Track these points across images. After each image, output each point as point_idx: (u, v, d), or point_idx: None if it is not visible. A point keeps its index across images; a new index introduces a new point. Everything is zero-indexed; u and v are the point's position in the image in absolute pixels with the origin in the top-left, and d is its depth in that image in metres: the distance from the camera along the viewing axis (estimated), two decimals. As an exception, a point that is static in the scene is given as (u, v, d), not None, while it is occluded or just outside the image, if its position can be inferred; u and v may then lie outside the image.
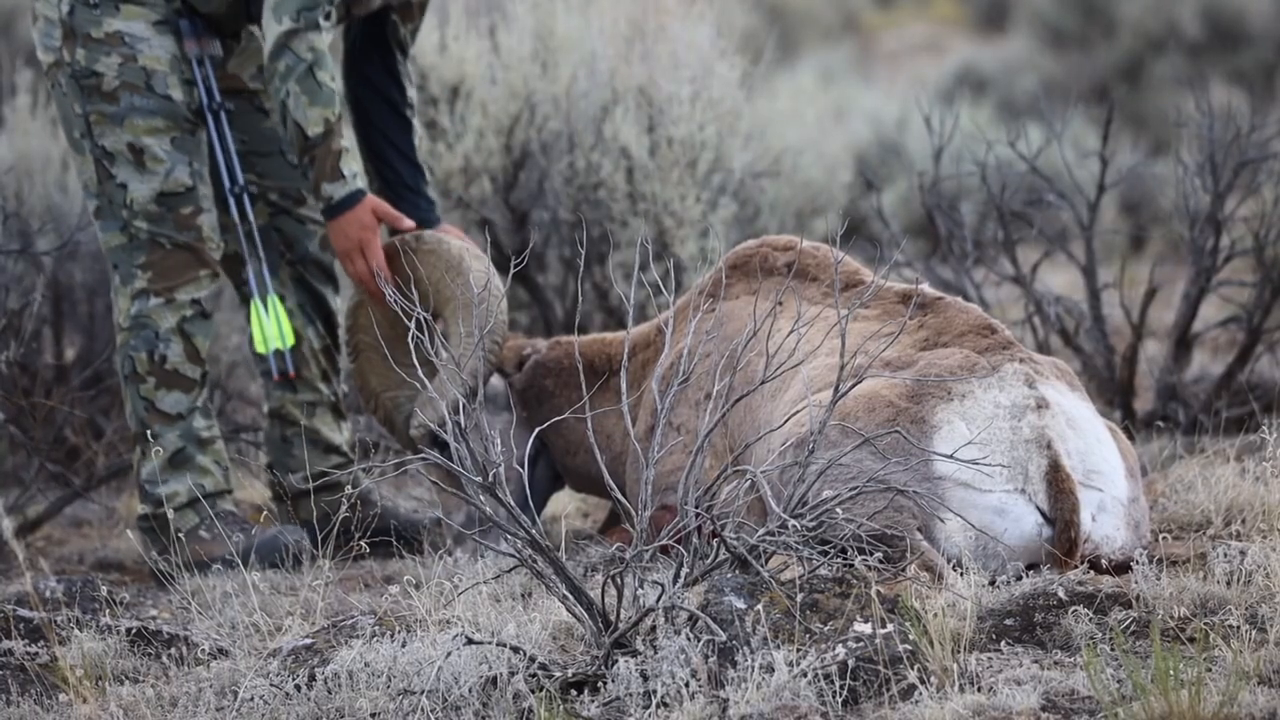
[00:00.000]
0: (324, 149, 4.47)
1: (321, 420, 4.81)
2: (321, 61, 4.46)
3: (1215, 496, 4.09)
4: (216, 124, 4.62)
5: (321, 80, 4.45)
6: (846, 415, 3.61)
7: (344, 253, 4.55)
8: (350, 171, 4.50)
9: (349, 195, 4.50)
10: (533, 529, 3.20)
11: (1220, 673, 2.96)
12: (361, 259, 4.53)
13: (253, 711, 3.11)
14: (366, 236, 4.53)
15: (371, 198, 4.56)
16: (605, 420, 4.39)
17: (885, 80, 14.89)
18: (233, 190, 4.65)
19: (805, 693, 2.91)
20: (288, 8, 4.45)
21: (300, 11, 4.44)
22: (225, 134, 4.63)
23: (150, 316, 4.51)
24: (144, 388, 4.51)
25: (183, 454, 4.51)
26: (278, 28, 4.44)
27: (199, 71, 4.58)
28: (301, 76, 4.44)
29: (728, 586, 3.13)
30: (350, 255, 4.54)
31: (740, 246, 4.39)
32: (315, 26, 4.45)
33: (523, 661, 3.08)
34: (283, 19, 4.44)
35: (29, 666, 3.42)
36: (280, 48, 4.44)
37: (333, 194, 4.50)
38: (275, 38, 4.44)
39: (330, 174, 4.49)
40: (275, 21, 4.45)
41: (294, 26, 4.44)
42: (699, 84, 6.44)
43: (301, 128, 4.45)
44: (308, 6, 4.45)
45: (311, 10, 4.45)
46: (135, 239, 4.51)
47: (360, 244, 4.52)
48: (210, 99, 4.60)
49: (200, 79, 4.58)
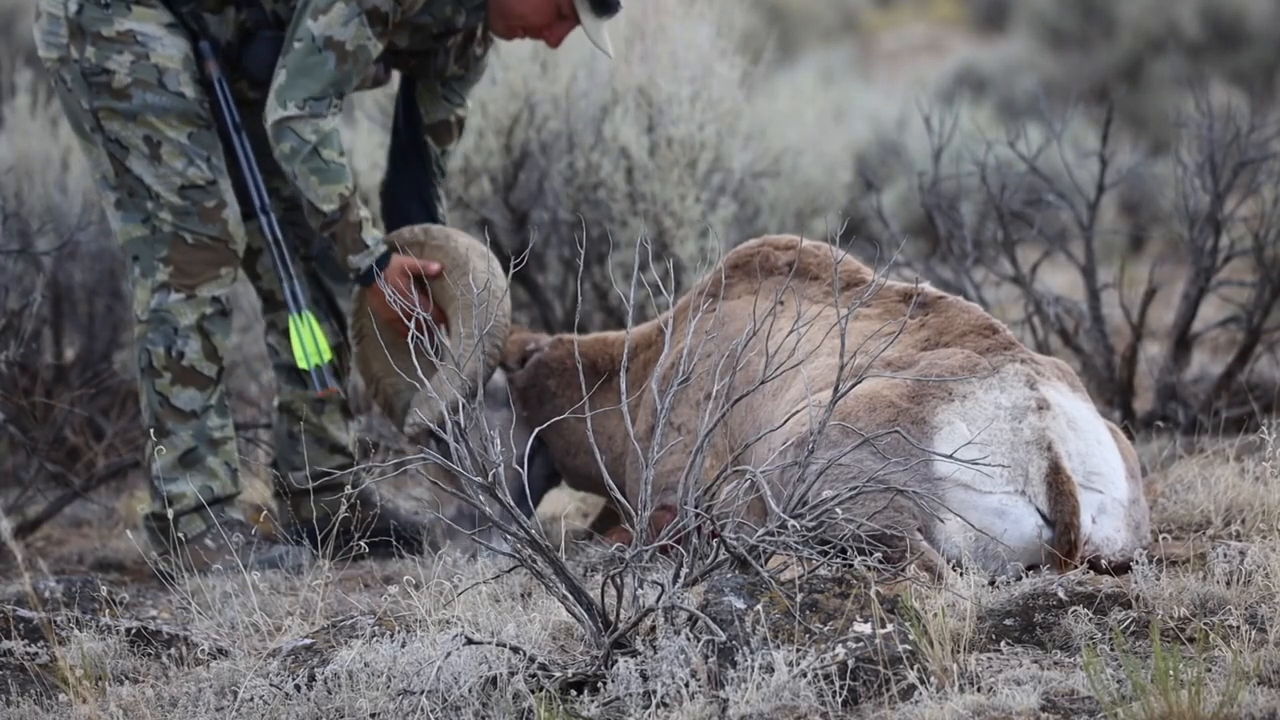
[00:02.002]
0: (343, 224, 4.48)
1: (329, 418, 4.81)
2: (327, 140, 4.45)
3: (1215, 496, 4.09)
4: (241, 142, 4.61)
5: (329, 158, 4.45)
6: (848, 415, 3.60)
7: (384, 321, 4.56)
8: (373, 239, 4.51)
9: (376, 262, 4.50)
10: (531, 529, 3.20)
11: (1220, 673, 2.96)
12: (400, 324, 4.49)
13: (252, 711, 3.11)
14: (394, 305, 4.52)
15: (398, 258, 4.55)
16: (607, 421, 4.38)
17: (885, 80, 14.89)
18: (262, 208, 4.64)
19: (805, 693, 2.91)
20: (294, 95, 4.43)
21: (307, 101, 4.44)
22: (249, 153, 4.62)
23: (170, 311, 4.51)
24: (160, 383, 4.51)
25: (194, 454, 4.52)
26: (281, 112, 4.44)
27: (221, 92, 4.58)
28: (307, 158, 4.44)
29: (727, 586, 3.13)
30: (390, 322, 4.54)
31: (741, 246, 4.39)
32: (320, 115, 4.45)
33: (522, 661, 3.08)
34: (287, 104, 4.44)
35: (29, 666, 3.42)
36: (283, 130, 4.44)
37: (359, 265, 4.50)
38: (276, 120, 4.44)
39: (353, 246, 4.49)
40: (279, 105, 4.44)
41: (298, 113, 4.44)
42: (699, 84, 6.44)
43: (317, 207, 4.46)
44: (315, 97, 4.44)
45: (319, 101, 4.44)
46: (158, 232, 4.51)
47: (389, 310, 4.50)
48: (234, 117, 4.59)
49: (223, 98, 4.58)
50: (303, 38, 4.43)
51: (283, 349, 4.79)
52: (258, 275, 4.78)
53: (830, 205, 7.13)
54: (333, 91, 4.45)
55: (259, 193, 4.63)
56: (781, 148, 6.91)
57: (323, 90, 4.44)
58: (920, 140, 9.12)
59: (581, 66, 6.44)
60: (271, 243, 4.65)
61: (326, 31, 4.42)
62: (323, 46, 4.42)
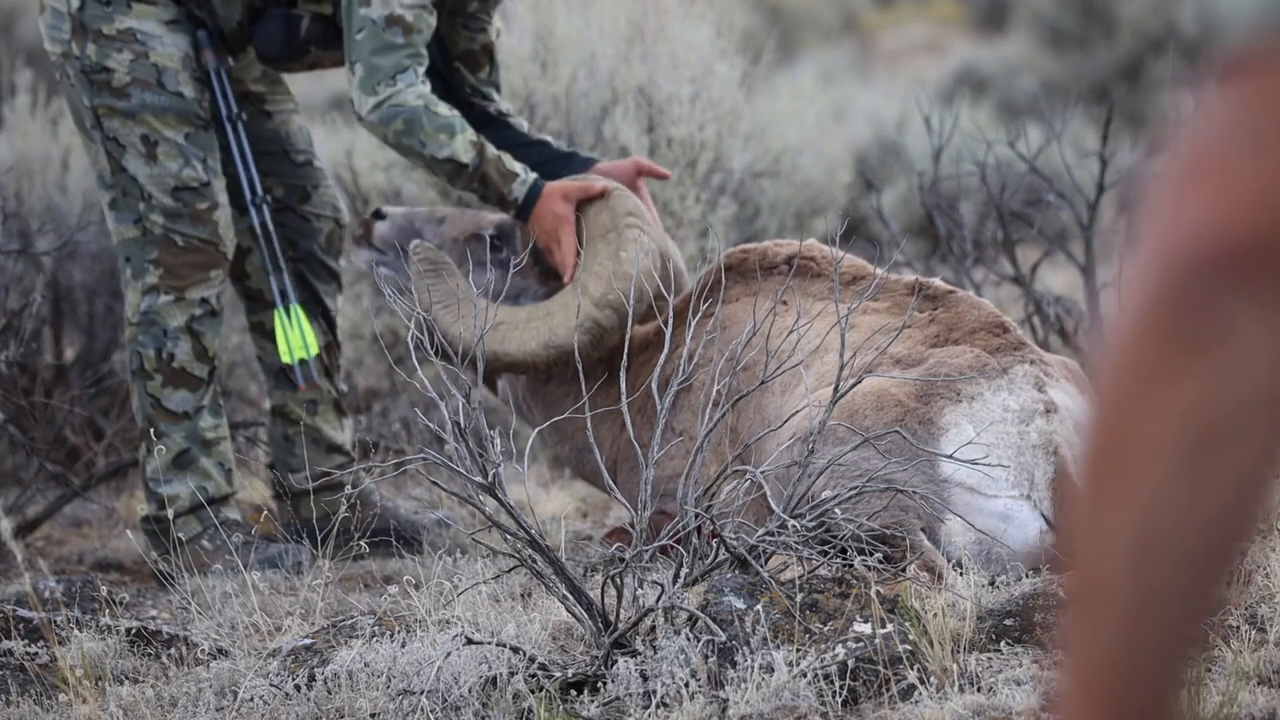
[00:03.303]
0: (486, 165, 4.40)
1: (324, 419, 4.80)
2: (432, 100, 4.39)
3: (1215, 496, 4.09)
4: (235, 134, 4.60)
5: (441, 113, 4.38)
6: (855, 413, 3.59)
7: (544, 247, 4.47)
8: (519, 168, 4.44)
9: (530, 189, 4.43)
10: (531, 529, 3.20)
11: (1220, 673, 2.96)
12: (558, 250, 4.44)
13: (253, 711, 3.11)
14: (561, 226, 4.44)
15: (555, 183, 4.46)
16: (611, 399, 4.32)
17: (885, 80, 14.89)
18: (254, 201, 4.62)
19: (805, 693, 2.91)
20: (378, 77, 4.37)
21: (394, 76, 4.37)
22: (244, 144, 4.60)
23: (160, 313, 4.51)
24: (151, 385, 4.51)
25: (187, 455, 4.51)
26: (374, 98, 4.36)
27: (217, 83, 4.56)
28: (427, 120, 4.37)
29: (727, 586, 3.13)
30: (549, 248, 4.46)
31: (745, 245, 4.38)
32: (411, 84, 4.38)
33: (522, 661, 3.08)
34: (377, 89, 4.37)
35: (29, 666, 3.42)
36: (386, 111, 4.36)
37: (517, 195, 4.43)
38: (373, 105, 4.36)
39: (504, 180, 4.42)
40: (369, 94, 4.36)
41: (391, 90, 4.37)
42: (699, 84, 6.44)
43: (458, 161, 4.38)
44: (399, 70, 4.37)
45: (404, 73, 4.38)
46: (149, 233, 4.50)
47: (555, 235, 4.43)
48: (229, 109, 4.58)
49: (219, 90, 4.56)
50: (363, 26, 4.38)
51: (269, 351, 4.78)
52: (246, 275, 4.75)
53: (830, 205, 7.13)
54: (411, 63, 4.39)
55: (251, 185, 4.61)
56: (781, 148, 6.91)
57: (402, 63, 4.38)
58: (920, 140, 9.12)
59: (581, 66, 6.44)
60: (262, 236, 4.63)
61: (383, 11, 4.37)
62: (385, 26, 4.37)
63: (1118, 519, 1.16)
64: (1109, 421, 1.15)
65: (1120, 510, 1.15)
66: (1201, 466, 1.12)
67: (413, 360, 3.54)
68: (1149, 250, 1.14)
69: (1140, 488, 1.14)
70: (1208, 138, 1.11)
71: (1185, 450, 1.12)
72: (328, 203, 4.84)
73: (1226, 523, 1.14)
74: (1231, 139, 1.11)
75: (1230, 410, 1.11)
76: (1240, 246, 1.10)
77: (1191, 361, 1.11)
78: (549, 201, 4.43)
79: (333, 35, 4.58)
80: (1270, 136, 1.10)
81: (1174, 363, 1.11)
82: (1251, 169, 1.10)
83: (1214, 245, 1.10)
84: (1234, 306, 1.10)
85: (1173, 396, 1.11)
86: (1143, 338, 1.13)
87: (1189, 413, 1.12)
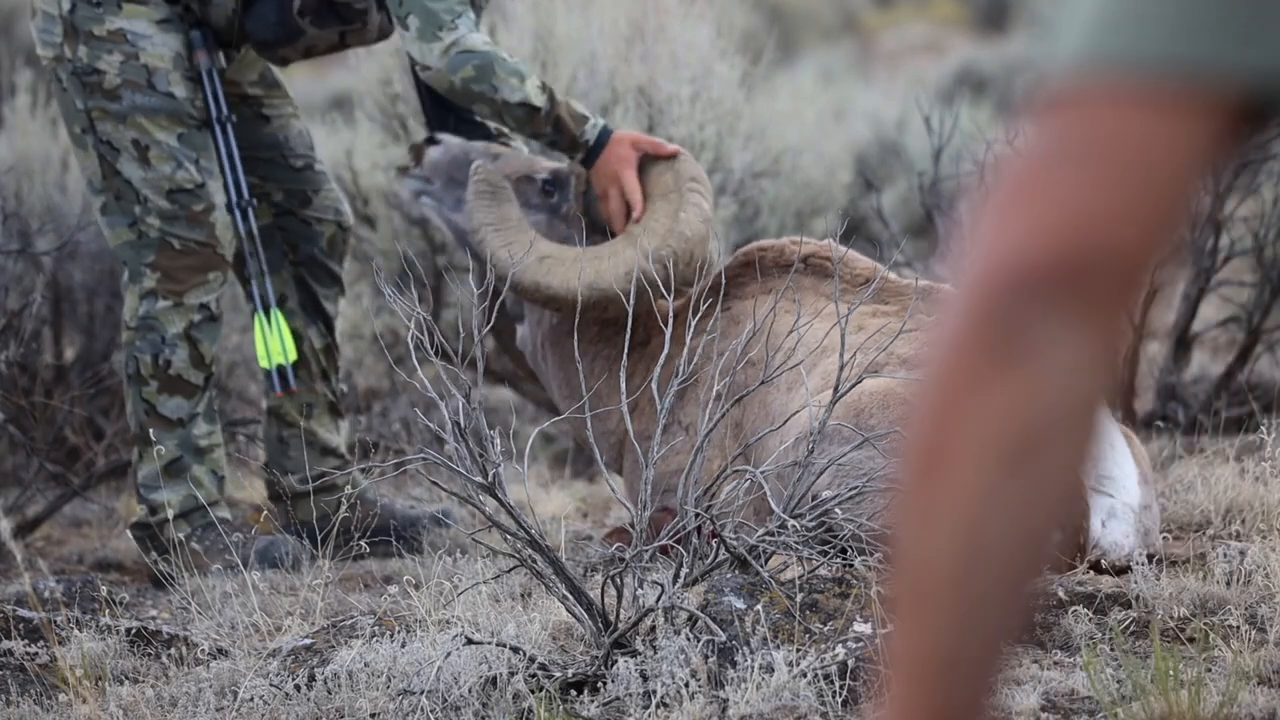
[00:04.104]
0: (558, 108, 4.33)
1: (319, 421, 4.78)
2: (495, 47, 4.32)
3: (1215, 496, 4.09)
4: (224, 136, 4.56)
5: (508, 59, 4.32)
6: (860, 412, 3.59)
7: (602, 192, 4.40)
8: (587, 111, 4.39)
9: (602, 132, 4.37)
10: (531, 529, 3.20)
11: (1220, 673, 2.96)
12: (618, 196, 4.38)
13: (253, 711, 3.11)
14: (624, 171, 4.37)
15: (626, 132, 4.42)
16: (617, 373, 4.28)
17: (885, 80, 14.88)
18: (239, 203, 4.59)
19: (805, 693, 2.90)
20: (437, 24, 4.29)
21: (455, 20, 4.30)
22: (233, 147, 4.56)
23: (158, 319, 4.48)
24: (146, 390, 4.49)
25: (179, 463, 4.49)
26: (438, 45, 4.28)
27: (208, 83, 4.53)
28: (495, 67, 4.29)
29: (727, 586, 3.13)
30: (606, 193, 4.39)
31: (764, 242, 4.36)
32: (473, 29, 4.33)
33: (522, 661, 3.08)
34: (440, 33, 4.29)
35: (29, 666, 3.42)
36: (453, 59, 4.27)
37: (589, 138, 4.36)
38: (439, 52, 4.27)
39: (576, 122, 4.34)
40: (430, 41, 4.28)
41: (455, 36, 4.29)
42: (699, 84, 6.44)
43: (530, 105, 4.30)
44: (455, 14, 4.30)
45: (462, 17, 4.31)
46: (145, 237, 4.48)
47: (617, 178, 4.36)
48: (219, 111, 4.55)
49: (210, 91, 4.53)
50: None
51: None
52: (247, 279, 4.72)
53: (830, 205, 7.13)
54: (463, 7, 4.32)
55: (238, 188, 4.56)
56: (781, 148, 6.91)
57: (455, 7, 4.31)
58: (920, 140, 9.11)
59: (581, 66, 6.44)
60: (246, 240, 4.59)
61: None
62: None
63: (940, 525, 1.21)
64: (930, 432, 1.21)
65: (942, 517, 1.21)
66: (1018, 472, 1.19)
67: (413, 360, 3.54)
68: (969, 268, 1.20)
69: (961, 494, 1.20)
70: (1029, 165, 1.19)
71: (1002, 457, 1.19)
72: (329, 206, 4.81)
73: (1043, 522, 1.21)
74: (1049, 167, 1.18)
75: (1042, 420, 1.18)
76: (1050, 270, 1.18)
77: (1005, 375, 1.18)
78: (618, 146, 4.37)
79: (325, 9, 4.53)
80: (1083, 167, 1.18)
81: (989, 376, 1.19)
82: (1064, 197, 1.18)
83: (1026, 267, 1.18)
84: (1043, 324, 1.18)
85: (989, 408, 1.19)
86: (961, 352, 1.21)
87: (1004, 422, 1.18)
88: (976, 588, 1.22)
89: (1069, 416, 1.20)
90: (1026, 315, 1.19)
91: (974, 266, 1.21)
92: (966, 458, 1.20)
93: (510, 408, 6.15)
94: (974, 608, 1.22)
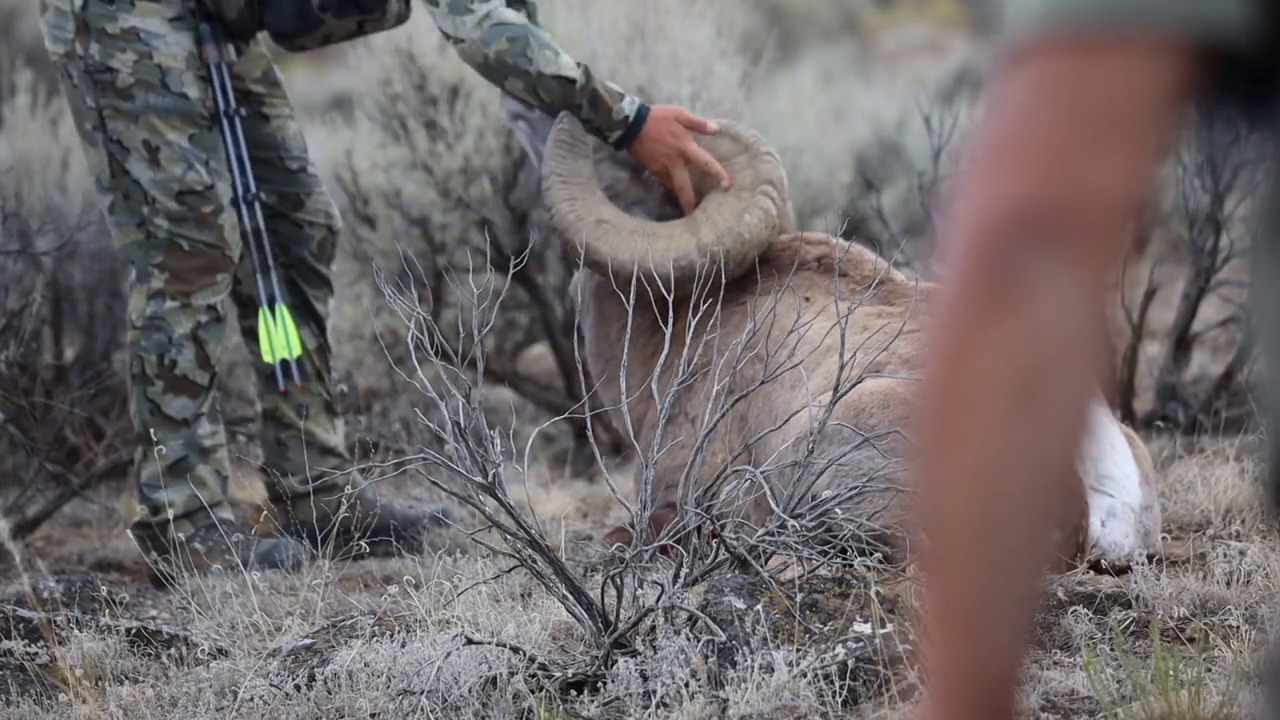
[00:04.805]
0: (594, 82, 4.29)
1: (315, 422, 4.78)
2: (527, 21, 4.29)
3: (1215, 496, 4.09)
4: (232, 130, 4.56)
5: (542, 33, 4.29)
6: (860, 412, 3.59)
7: (662, 169, 4.33)
8: (624, 88, 4.33)
9: (640, 108, 4.33)
10: (531, 529, 3.20)
11: (1220, 673, 2.96)
12: (682, 167, 4.32)
13: (253, 711, 3.11)
14: (681, 141, 4.31)
15: (666, 107, 4.37)
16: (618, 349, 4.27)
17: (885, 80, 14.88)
18: (245, 198, 4.58)
19: (805, 693, 2.91)
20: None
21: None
22: (240, 140, 4.56)
23: (165, 319, 4.47)
24: (151, 390, 4.48)
25: (183, 463, 4.48)
26: (470, 16, 4.24)
27: (217, 77, 4.52)
28: (530, 38, 4.25)
29: (727, 586, 3.13)
30: (665, 172, 4.32)
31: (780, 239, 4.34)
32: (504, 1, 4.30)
33: (522, 661, 3.08)
34: (472, 7, 4.24)
35: (29, 666, 3.42)
36: (494, 33, 4.23)
37: (627, 113, 4.31)
38: (474, 23, 4.23)
39: (613, 98, 4.30)
40: (461, 13, 4.24)
41: (488, 8, 4.25)
42: (699, 84, 6.44)
43: (566, 78, 4.26)
44: None
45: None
46: (153, 237, 4.47)
47: (678, 151, 4.30)
48: (228, 104, 4.54)
49: (219, 84, 4.52)
50: None
51: (260, 354, 4.73)
52: (237, 280, 4.70)
53: (830, 205, 7.13)
54: None
55: (245, 183, 4.56)
56: (781, 148, 6.90)
57: None
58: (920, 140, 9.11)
59: (581, 66, 6.43)
60: (252, 235, 4.59)
61: None
62: None
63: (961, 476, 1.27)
64: (938, 380, 1.27)
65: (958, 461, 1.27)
66: (1026, 408, 1.24)
67: (413, 360, 3.54)
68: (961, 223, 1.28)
69: (973, 435, 1.26)
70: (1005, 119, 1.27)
71: (1009, 395, 1.24)
72: (320, 209, 4.80)
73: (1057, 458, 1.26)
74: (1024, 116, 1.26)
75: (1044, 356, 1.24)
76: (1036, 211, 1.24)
77: (1005, 317, 1.25)
78: (661, 123, 4.31)
79: (346, 1, 4.53)
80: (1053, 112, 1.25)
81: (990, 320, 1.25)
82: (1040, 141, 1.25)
83: (1015, 212, 1.25)
84: (1037, 265, 1.25)
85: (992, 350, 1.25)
86: (962, 302, 1.27)
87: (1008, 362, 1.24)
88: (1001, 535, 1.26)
89: (1068, 352, 1.25)
90: (1020, 258, 1.25)
91: (966, 219, 1.28)
92: (978, 403, 1.25)
93: (510, 408, 6.15)
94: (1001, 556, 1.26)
